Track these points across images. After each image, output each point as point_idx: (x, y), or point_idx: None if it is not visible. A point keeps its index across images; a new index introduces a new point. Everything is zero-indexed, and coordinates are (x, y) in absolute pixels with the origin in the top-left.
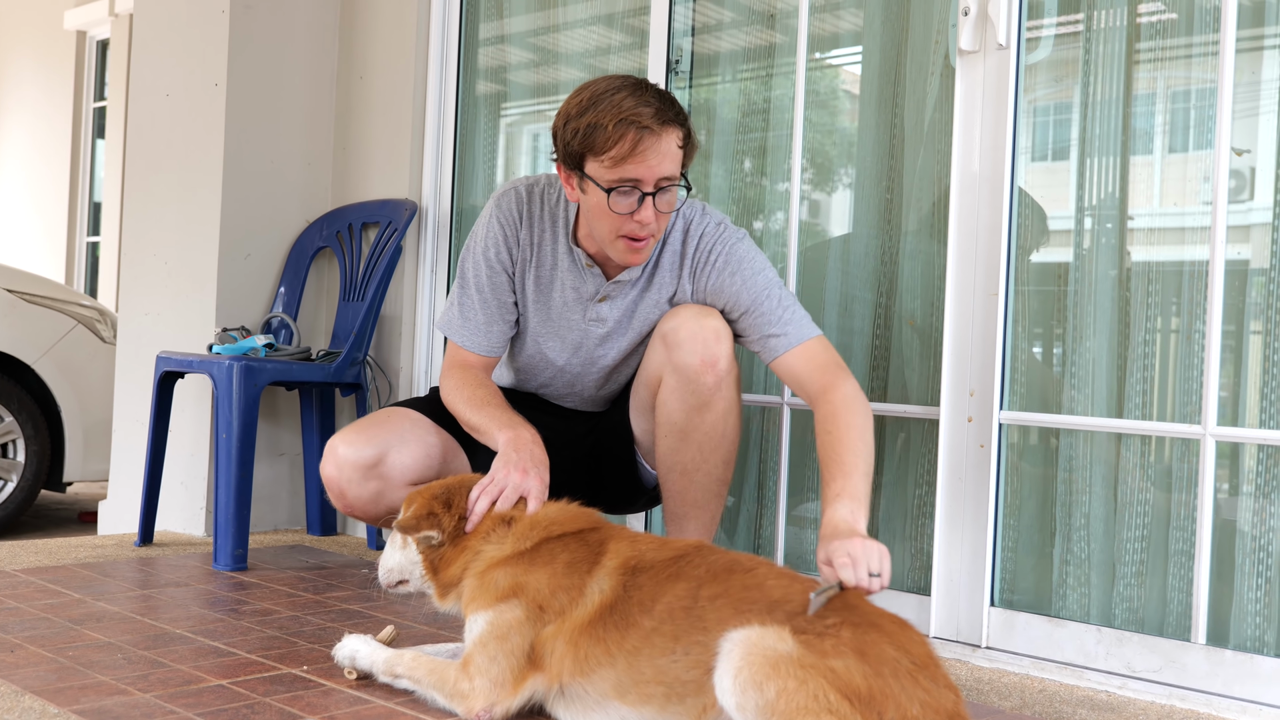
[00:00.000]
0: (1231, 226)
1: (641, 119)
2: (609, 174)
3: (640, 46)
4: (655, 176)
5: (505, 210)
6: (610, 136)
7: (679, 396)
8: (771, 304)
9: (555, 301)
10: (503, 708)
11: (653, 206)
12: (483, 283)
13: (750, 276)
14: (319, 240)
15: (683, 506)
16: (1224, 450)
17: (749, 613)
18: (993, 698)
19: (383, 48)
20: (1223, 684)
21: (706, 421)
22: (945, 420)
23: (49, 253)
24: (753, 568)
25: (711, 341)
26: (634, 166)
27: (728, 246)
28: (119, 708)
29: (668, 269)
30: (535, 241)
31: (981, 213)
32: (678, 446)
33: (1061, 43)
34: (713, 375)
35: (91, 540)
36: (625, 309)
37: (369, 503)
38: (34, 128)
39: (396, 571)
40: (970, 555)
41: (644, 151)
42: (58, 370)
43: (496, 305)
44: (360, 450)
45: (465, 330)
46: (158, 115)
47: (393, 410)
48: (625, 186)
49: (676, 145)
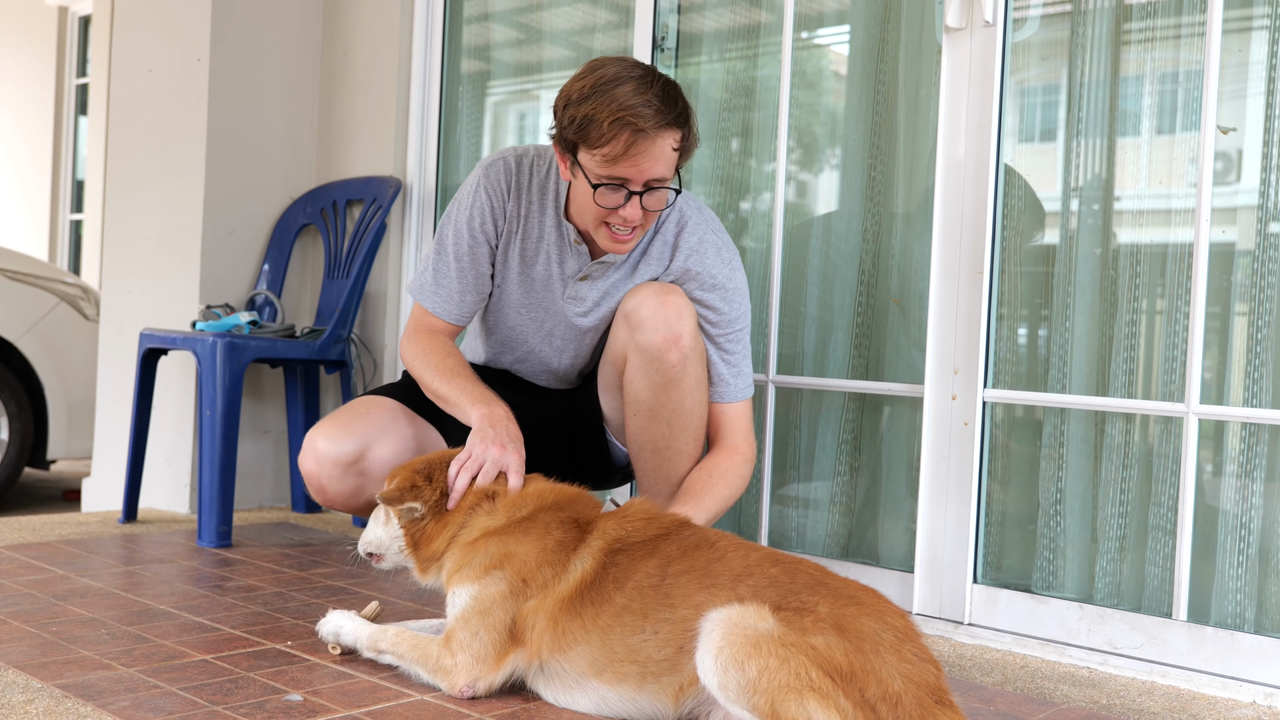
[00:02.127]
0: (1218, 208)
1: (638, 121)
2: (599, 169)
3: (626, 24)
4: (645, 178)
5: (493, 180)
6: (605, 134)
7: (644, 375)
8: (738, 348)
9: (538, 275)
10: (485, 683)
11: (639, 205)
12: (462, 251)
13: (729, 301)
14: (303, 217)
15: (655, 483)
16: (1207, 430)
17: (714, 587)
18: (975, 674)
19: (367, 24)
20: (1203, 660)
21: (673, 399)
22: (929, 398)
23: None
24: (716, 541)
25: (674, 318)
26: (625, 167)
27: (723, 274)
28: (102, 682)
29: (655, 259)
30: (523, 214)
31: (967, 191)
32: (646, 425)
33: (1049, 22)
34: (677, 352)
35: (76, 517)
36: (604, 291)
37: (349, 497)
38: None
39: (374, 544)
40: (954, 532)
41: (637, 155)
42: (41, 348)
43: (474, 276)
44: (341, 445)
45: (437, 296)
46: (140, 92)
47: (372, 400)
48: (614, 183)
49: (672, 148)
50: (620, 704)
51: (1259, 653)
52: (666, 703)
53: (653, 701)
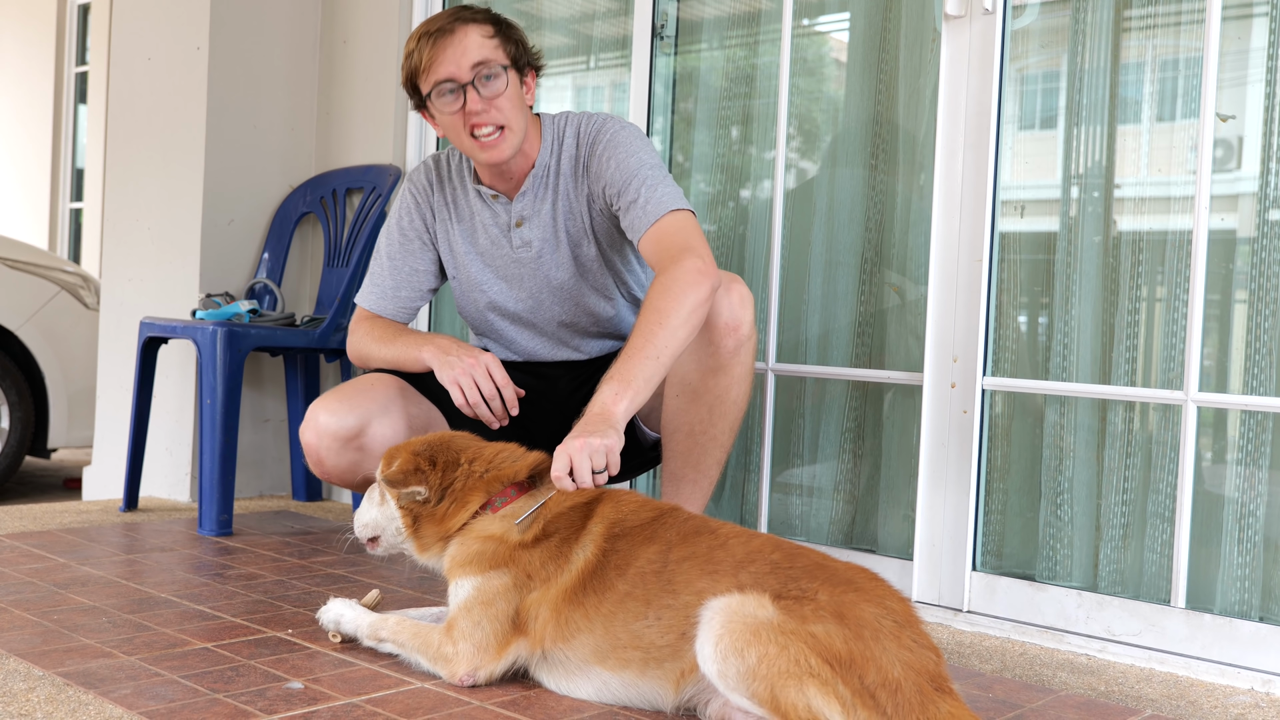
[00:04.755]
0: (1218, 195)
1: (431, 26)
2: (427, 83)
3: (625, 12)
4: (464, 67)
5: (415, 181)
6: (415, 53)
7: (697, 357)
8: (639, 183)
9: (483, 242)
10: (486, 672)
11: (477, 95)
12: (394, 249)
13: (626, 157)
14: (303, 206)
15: (683, 468)
16: (1207, 417)
17: (716, 574)
18: (974, 661)
19: (366, 12)
20: (1201, 647)
21: (720, 384)
22: (929, 386)
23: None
24: (718, 529)
25: (737, 305)
26: (441, 67)
27: (611, 132)
28: (104, 670)
29: (569, 174)
30: (451, 200)
31: (967, 179)
32: (687, 407)
33: (1049, 10)
34: (734, 339)
35: (77, 506)
36: (545, 224)
37: (346, 471)
38: (16, 93)
39: (371, 527)
40: (953, 520)
41: (442, 50)
42: (41, 336)
43: (407, 271)
44: (342, 419)
45: (372, 294)
46: (139, 80)
47: (376, 378)
48: (444, 87)
49: (483, 36)
50: (623, 690)
51: (1257, 640)
52: (668, 689)
53: (654, 687)
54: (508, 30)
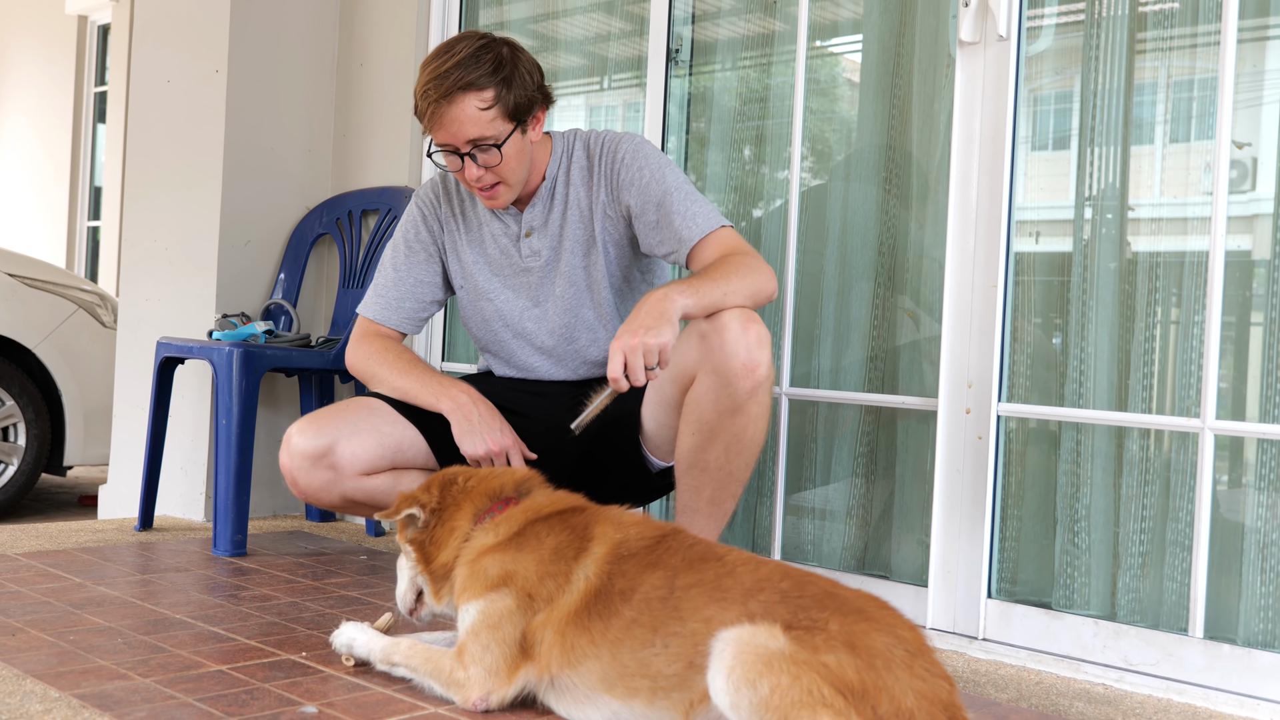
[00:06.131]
0: (1233, 217)
1: (431, 92)
2: (432, 139)
3: (640, 34)
4: (460, 140)
5: (423, 196)
6: (419, 109)
7: (714, 397)
8: (679, 198)
9: (492, 252)
10: (498, 696)
11: (474, 165)
12: (399, 260)
13: (657, 172)
14: (319, 227)
15: (697, 501)
16: (1224, 443)
17: (724, 602)
18: (989, 689)
19: (383, 35)
20: (1220, 678)
21: (737, 424)
22: (943, 412)
23: (50, 237)
24: (724, 555)
25: (754, 346)
26: (439, 133)
27: (632, 146)
28: (119, 692)
29: (579, 183)
30: (459, 212)
31: (981, 204)
32: (703, 445)
33: (1063, 31)
34: (751, 380)
35: (92, 525)
36: (553, 235)
37: (320, 490)
38: (35, 112)
39: (410, 591)
40: (968, 547)
41: (440, 121)
42: (58, 354)
43: (412, 282)
44: (311, 440)
45: (376, 305)
46: (159, 102)
47: (355, 399)
48: (445, 150)
49: (478, 108)
50: (632, 719)
51: (1276, 670)
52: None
53: (664, 717)
54: (510, 86)
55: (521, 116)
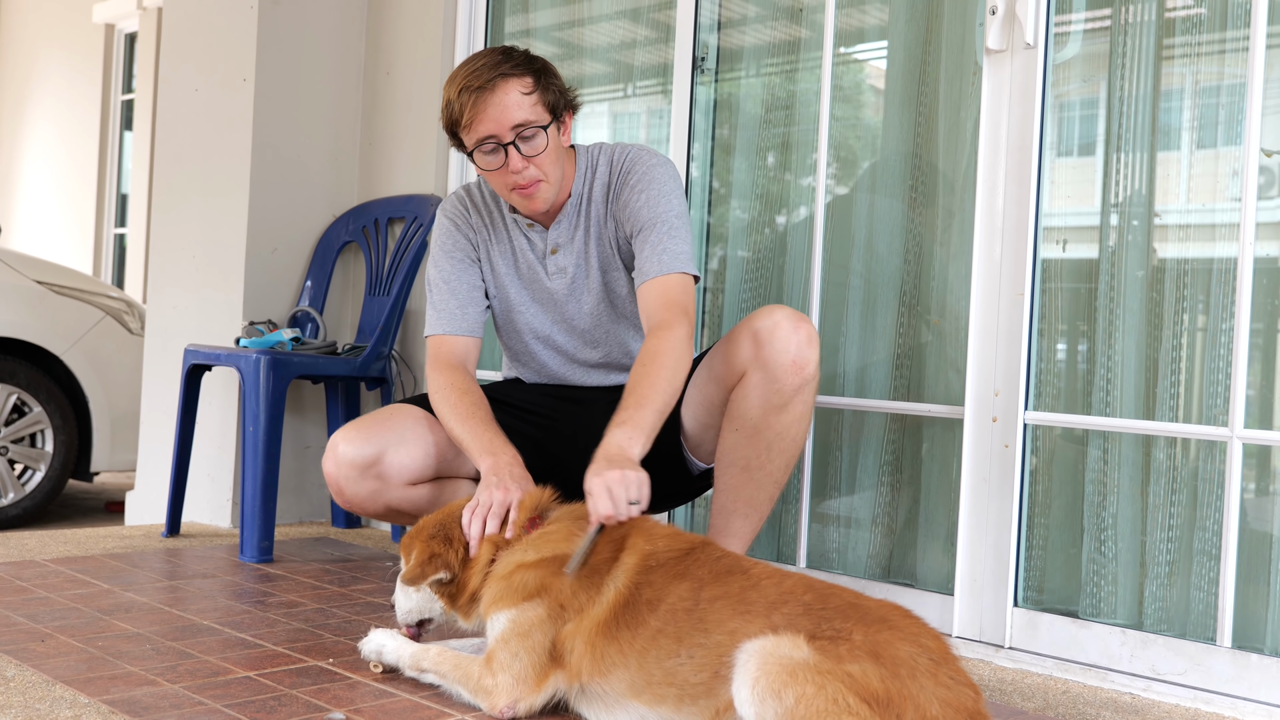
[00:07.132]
0: (1261, 224)
1: (474, 81)
2: (470, 138)
3: (666, 41)
4: (505, 127)
5: (449, 208)
6: (455, 104)
7: (761, 393)
8: (662, 230)
9: (522, 266)
10: (526, 704)
11: (518, 155)
12: (446, 273)
13: (656, 197)
14: (345, 235)
15: (734, 502)
16: (1252, 450)
17: (749, 614)
18: (1015, 699)
19: (409, 43)
20: (1248, 688)
21: (781, 422)
22: (970, 420)
23: (77, 244)
24: (750, 568)
25: (805, 345)
26: (482, 125)
27: (647, 167)
28: (148, 698)
29: (600, 200)
30: (488, 223)
31: (1008, 212)
32: (745, 442)
33: (1090, 38)
34: (799, 377)
35: (119, 531)
36: (578, 252)
37: (366, 500)
38: (62, 120)
39: (415, 613)
40: (994, 555)
41: (485, 109)
42: (86, 361)
43: (466, 288)
44: (359, 449)
45: (440, 320)
46: (186, 110)
47: (398, 407)
48: (486, 145)
49: (521, 92)
50: None
51: None
52: None
53: None
54: (547, 80)
55: (557, 113)
